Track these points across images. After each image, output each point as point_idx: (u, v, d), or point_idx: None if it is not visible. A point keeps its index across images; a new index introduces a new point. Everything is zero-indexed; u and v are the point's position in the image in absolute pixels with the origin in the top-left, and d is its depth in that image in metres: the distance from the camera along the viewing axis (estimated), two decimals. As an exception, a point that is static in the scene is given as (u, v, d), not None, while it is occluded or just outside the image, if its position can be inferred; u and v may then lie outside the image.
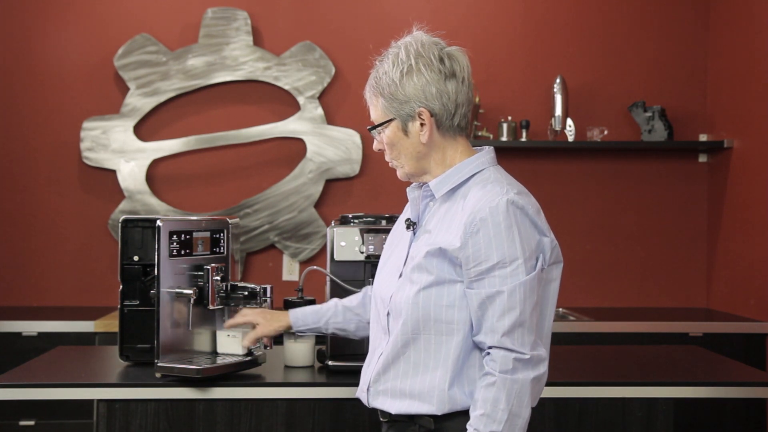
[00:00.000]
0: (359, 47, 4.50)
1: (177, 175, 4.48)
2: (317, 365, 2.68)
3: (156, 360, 2.46)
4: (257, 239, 4.46)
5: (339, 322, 2.40)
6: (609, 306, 4.52)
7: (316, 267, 2.70)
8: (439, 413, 1.96)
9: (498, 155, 2.10)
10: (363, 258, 2.65)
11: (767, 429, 3.90)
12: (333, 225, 2.70)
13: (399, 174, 2.10)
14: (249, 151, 4.50)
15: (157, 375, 2.46)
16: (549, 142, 4.38)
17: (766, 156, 4.00)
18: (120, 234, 2.69)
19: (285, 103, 4.50)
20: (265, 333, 2.46)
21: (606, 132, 4.40)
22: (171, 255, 2.48)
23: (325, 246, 3.78)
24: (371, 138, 2.12)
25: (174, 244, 2.49)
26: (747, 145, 4.18)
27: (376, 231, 2.65)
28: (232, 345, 2.58)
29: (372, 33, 4.46)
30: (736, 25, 4.30)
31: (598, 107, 4.53)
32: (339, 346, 2.64)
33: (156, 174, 4.47)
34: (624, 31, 4.56)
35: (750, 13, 4.16)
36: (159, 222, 2.46)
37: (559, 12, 4.56)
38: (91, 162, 4.40)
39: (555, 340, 3.95)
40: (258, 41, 4.49)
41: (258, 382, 2.51)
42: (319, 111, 4.46)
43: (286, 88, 4.47)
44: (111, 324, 3.78)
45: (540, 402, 2.59)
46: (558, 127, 4.34)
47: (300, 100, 4.46)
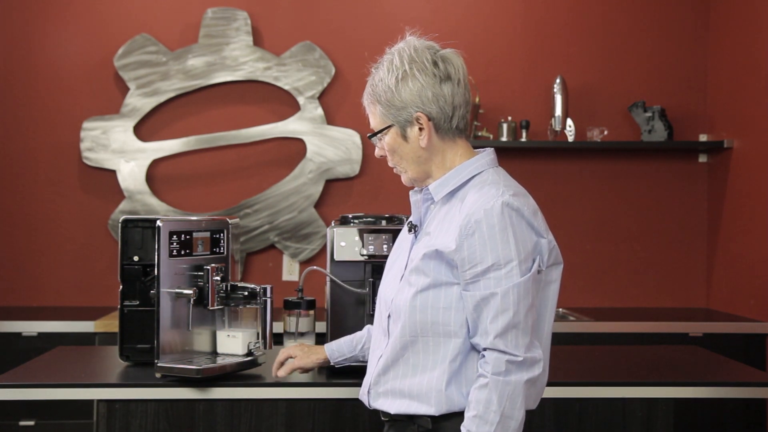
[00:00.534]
0: (359, 47, 4.50)
1: (177, 175, 4.48)
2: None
3: (156, 360, 2.47)
4: (257, 239, 4.46)
5: None
6: (609, 306, 4.52)
7: (316, 267, 2.70)
8: (437, 414, 1.97)
9: (498, 155, 2.09)
10: (363, 258, 2.65)
11: (767, 429, 3.90)
12: (333, 225, 2.70)
13: (404, 179, 2.11)
14: (249, 151, 4.50)
15: (157, 375, 2.46)
16: (549, 142, 4.38)
17: (766, 156, 4.00)
18: (120, 234, 2.69)
19: (285, 103, 4.50)
20: (303, 365, 2.42)
21: (606, 132, 4.39)
22: (171, 255, 2.49)
23: (325, 246, 3.78)
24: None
25: (174, 244, 2.49)
26: (747, 145, 4.18)
27: (376, 231, 2.65)
28: (232, 345, 2.58)
29: (372, 33, 4.46)
30: (736, 25, 4.30)
31: (598, 107, 4.53)
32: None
33: (156, 174, 4.47)
34: (624, 31, 4.56)
35: (750, 13, 4.16)
36: (159, 222, 2.47)
37: (559, 12, 4.56)
38: (91, 162, 4.40)
39: (555, 340, 3.95)
40: (258, 41, 4.49)
41: (258, 382, 2.51)
42: (319, 111, 4.46)
43: (286, 88, 4.47)
44: (111, 324, 3.78)
45: (540, 402, 2.58)
46: (558, 128, 4.34)
47: (300, 100, 4.46)
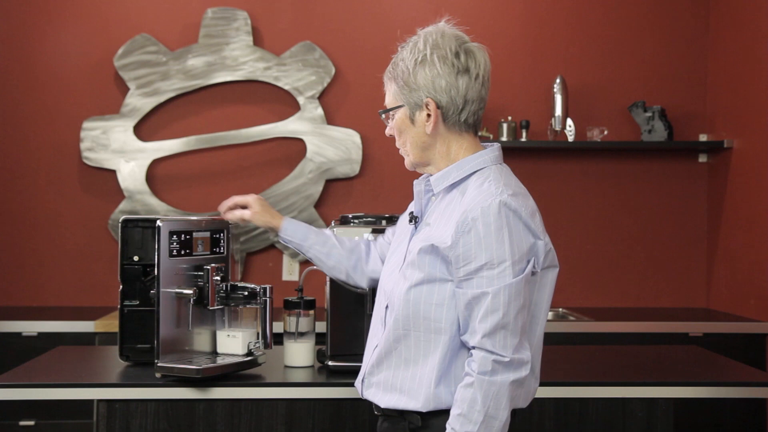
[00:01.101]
0: (359, 47, 4.50)
1: (177, 175, 4.48)
2: (317, 365, 2.68)
3: (156, 360, 2.46)
4: (257, 239, 4.46)
5: (323, 252, 2.42)
6: (609, 306, 4.52)
7: (316, 267, 2.69)
8: (425, 410, 1.97)
9: (498, 154, 2.09)
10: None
11: (767, 429, 3.90)
12: (333, 225, 2.70)
13: (406, 163, 2.12)
14: (249, 151, 4.49)
15: (157, 375, 2.46)
16: (549, 142, 4.38)
17: (766, 156, 3.99)
18: (120, 234, 2.69)
19: (285, 103, 4.50)
20: (253, 220, 2.45)
21: (606, 132, 4.39)
22: (171, 255, 2.48)
23: (325, 246, 3.77)
24: (371, 138, 2.12)
25: (174, 244, 2.49)
26: (747, 145, 4.18)
27: (375, 231, 2.65)
28: (232, 345, 2.58)
29: (372, 33, 4.46)
30: (736, 25, 4.30)
31: (598, 107, 4.53)
32: (339, 346, 2.65)
33: (156, 174, 4.47)
34: (624, 31, 4.56)
35: (750, 13, 4.16)
36: (159, 222, 2.47)
37: (559, 12, 4.56)
38: (91, 162, 4.40)
39: (555, 340, 3.96)
40: (258, 41, 4.49)
41: (258, 382, 2.51)
42: (319, 111, 4.46)
43: (286, 88, 4.47)
44: (111, 324, 3.78)
45: (540, 402, 2.59)
46: (558, 127, 4.34)
47: (300, 100, 4.46)
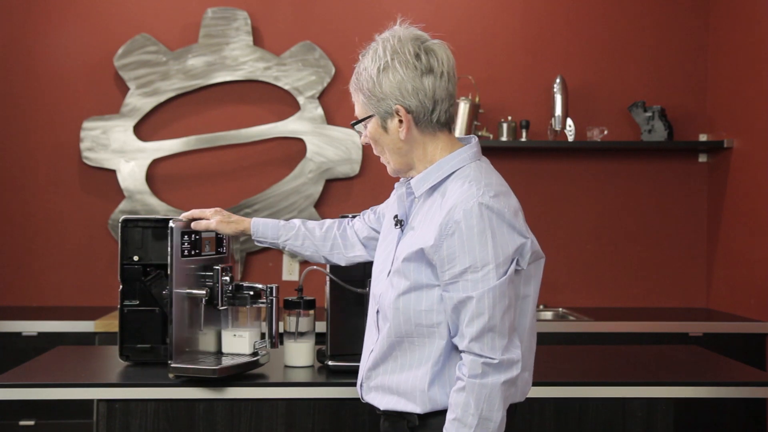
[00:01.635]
0: (359, 47, 4.49)
1: (177, 175, 4.48)
2: (317, 365, 2.68)
3: (169, 361, 2.46)
4: (257, 239, 4.45)
5: (297, 245, 2.46)
6: (609, 306, 4.52)
7: (316, 267, 2.69)
8: (422, 412, 1.97)
9: (498, 155, 2.10)
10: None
11: (767, 429, 3.90)
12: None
13: (389, 170, 2.11)
14: (249, 151, 4.49)
15: (171, 376, 2.46)
16: (549, 142, 4.38)
17: (766, 156, 3.99)
18: (120, 234, 2.69)
19: (285, 103, 4.50)
20: (218, 229, 2.48)
21: (606, 132, 4.39)
22: (183, 255, 2.48)
23: (325, 246, 3.77)
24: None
25: (185, 244, 2.49)
26: (747, 145, 4.18)
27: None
28: (238, 345, 2.59)
29: (372, 33, 4.42)
30: (736, 25, 4.30)
31: (598, 107, 4.53)
32: (339, 346, 2.65)
33: (156, 174, 4.46)
34: (624, 31, 4.56)
35: (750, 13, 4.16)
36: (171, 223, 2.46)
37: (559, 12, 4.56)
38: (91, 162, 4.40)
39: (555, 340, 3.96)
40: (258, 41, 4.49)
41: (258, 382, 2.51)
42: (319, 111, 4.46)
43: (286, 88, 4.47)
44: (111, 324, 3.78)
45: (540, 402, 2.59)
46: (558, 127, 4.34)
47: (300, 100, 4.46)
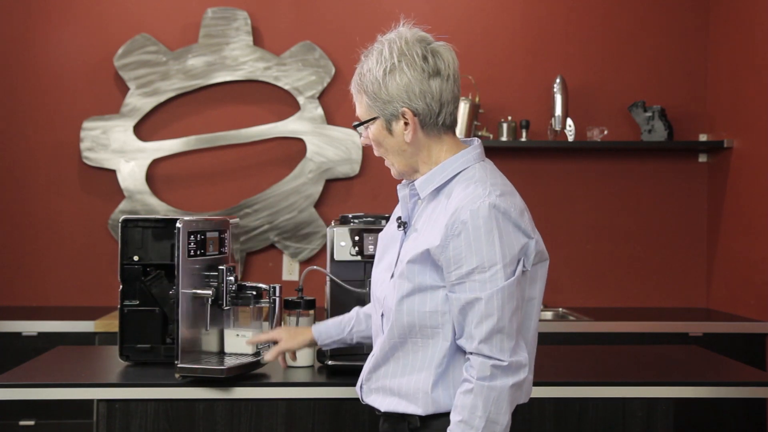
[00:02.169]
0: (359, 47, 4.49)
1: (177, 175, 4.48)
2: (317, 365, 2.68)
3: (176, 361, 2.46)
4: (257, 239, 4.46)
5: (362, 330, 2.34)
6: (609, 306, 4.52)
7: (316, 267, 2.70)
8: (424, 414, 1.96)
9: (498, 155, 2.09)
10: (358, 259, 2.65)
11: (767, 429, 3.90)
12: (333, 225, 2.70)
13: (393, 172, 2.09)
14: (249, 151, 4.49)
15: (177, 376, 2.46)
16: (549, 142, 4.38)
17: (766, 156, 3.99)
18: (120, 234, 2.69)
19: (285, 103, 4.50)
20: (289, 347, 2.43)
21: (606, 132, 4.39)
22: (189, 255, 2.48)
23: (325, 246, 3.77)
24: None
25: (191, 244, 2.49)
26: (747, 145, 4.18)
27: (375, 231, 2.64)
28: (240, 345, 2.59)
29: (372, 33, 4.41)
30: (736, 25, 4.30)
31: (598, 107, 4.53)
32: (339, 346, 2.65)
33: (156, 174, 4.47)
34: (624, 31, 4.56)
35: (750, 13, 4.16)
36: (178, 224, 2.46)
37: (559, 12, 4.56)
38: (91, 162, 4.40)
39: (555, 340, 3.96)
40: (258, 41, 4.49)
41: (258, 382, 2.51)
42: (319, 111, 4.46)
43: (286, 88, 4.47)
44: (111, 324, 3.78)
45: (540, 402, 2.59)
46: (558, 127, 4.34)
47: (300, 100, 4.46)
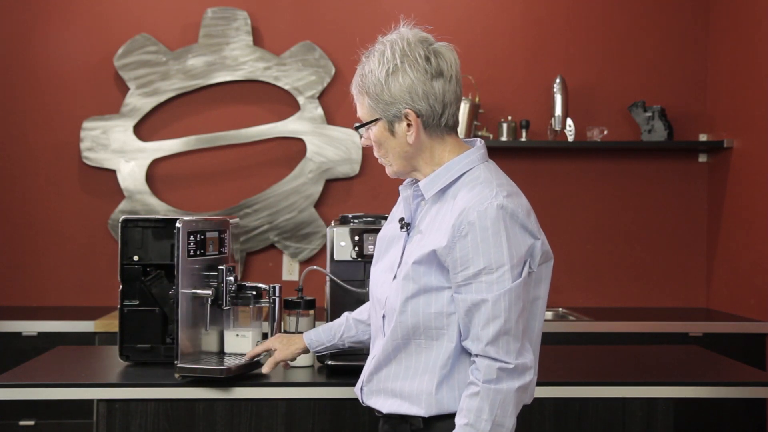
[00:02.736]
0: (359, 47, 4.49)
1: (177, 175, 4.48)
2: (317, 365, 2.68)
3: (175, 361, 2.46)
4: (257, 239, 4.46)
5: (353, 335, 2.34)
6: (609, 306, 4.52)
7: (316, 267, 2.70)
8: (427, 415, 1.95)
9: (498, 155, 2.09)
10: (358, 259, 2.65)
11: (767, 429, 3.90)
12: (333, 225, 2.70)
13: (388, 171, 2.09)
14: (249, 151, 4.49)
15: (177, 376, 2.46)
16: (549, 142, 4.38)
17: (766, 156, 3.99)
18: (120, 234, 2.69)
19: (285, 103, 4.50)
20: (284, 357, 2.42)
21: (606, 132, 4.39)
22: (189, 255, 2.48)
23: (325, 246, 3.77)
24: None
25: (191, 244, 2.49)
26: (747, 145, 4.18)
27: (375, 231, 2.64)
28: (242, 344, 2.59)
29: (372, 33, 4.41)
30: (736, 25, 4.30)
31: (598, 107, 4.53)
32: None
33: (156, 174, 4.47)
34: (624, 31, 4.56)
35: (750, 14, 4.16)
36: (178, 223, 2.46)
37: (559, 12, 4.56)
38: (91, 162, 4.40)
39: (555, 340, 3.96)
40: (258, 41, 4.49)
41: (258, 382, 2.50)
42: (319, 111, 4.46)
43: (286, 88, 4.47)
44: (111, 324, 3.78)
45: (540, 402, 2.59)
46: (558, 127, 4.34)
47: (300, 100, 4.46)
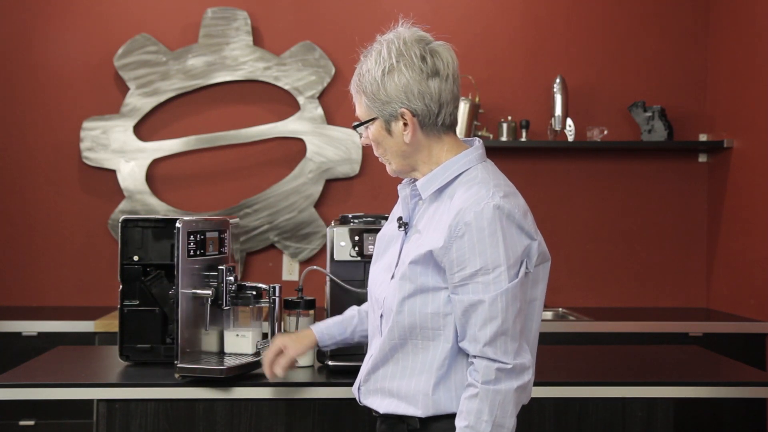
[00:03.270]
0: (359, 47, 4.49)
1: (177, 175, 4.48)
2: (317, 365, 2.68)
3: (175, 361, 2.46)
4: (257, 239, 4.46)
5: (365, 329, 2.29)
6: (609, 306, 4.52)
7: (316, 267, 2.70)
8: (424, 416, 1.95)
9: (498, 155, 2.09)
10: (358, 259, 2.65)
11: (767, 429, 3.90)
12: (333, 225, 2.70)
13: (388, 170, 2.09)
14: (249, 151, 4.49)
15: (177, 376, 2.46)
16: (549, 142, 4.38)
17: (766, 156, 3.99)
18: (120, 234, 2.69)
19: (285, 103, 4.50)
20: (298, 353, 2.35)
21: (606, 132, 4.39)
22: (189, 255, 2.48)
23: (325, 246, 3.77)
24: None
25: (191, 244, 2.49)
26: (747, 145, 4.18)
27: (375, 231, 2.64)
28: (242, 345, 2.59)
29: (372, 33, 4.42)
30: (736, 25, 4.30)
31: (598, 107, 4.53)
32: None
33: (156, 174, 4.47)
34: (624, 31, 4.56)
35: (750, 13, 4.16)
36: (178, 223, 2.46)
37: (559, 12, 4.56)
38: (91, 162, 4.40)
39: (555, 340, 3.96)
40: (258, 41, 4.49)
41: (258, 382, 2.50)
42: (319, 111, 4.46)
43: (286, 88, 4.47)
44: (111, 324, 3.78)
45: (540, 402, 2.59)
46: (558, 127, 4.34)
47: (300, 100, 4.46)
